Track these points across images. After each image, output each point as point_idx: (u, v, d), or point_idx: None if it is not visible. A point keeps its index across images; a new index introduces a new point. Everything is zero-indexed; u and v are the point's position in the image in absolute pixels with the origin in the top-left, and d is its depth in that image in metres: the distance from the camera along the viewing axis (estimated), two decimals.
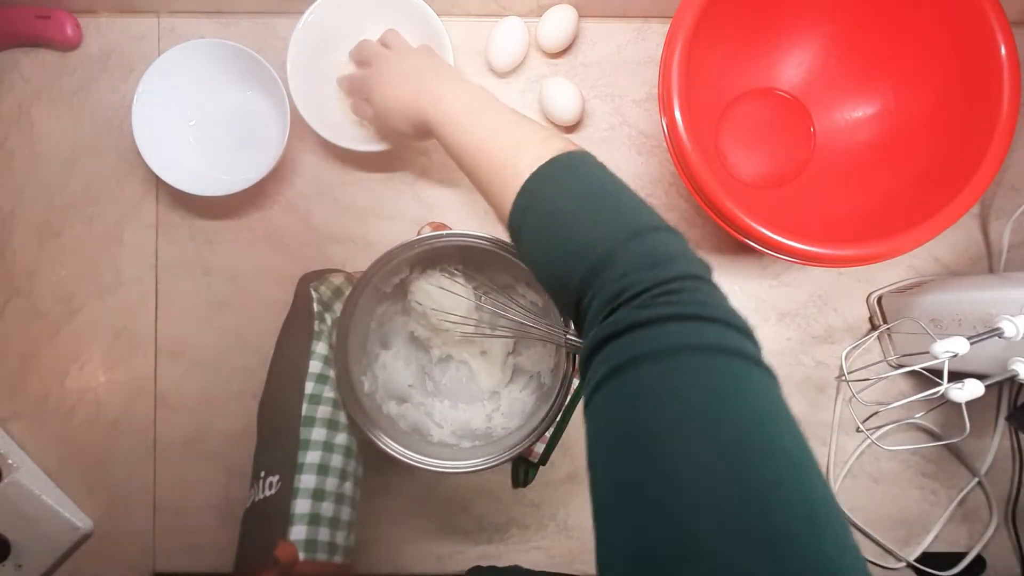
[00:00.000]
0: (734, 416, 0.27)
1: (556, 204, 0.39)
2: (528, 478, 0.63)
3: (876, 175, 0.63)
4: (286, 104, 0.63)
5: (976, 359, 0.52)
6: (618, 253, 0.35)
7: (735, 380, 0.29)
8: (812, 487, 0.26)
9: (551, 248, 0.39)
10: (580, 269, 0.36)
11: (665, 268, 0.33)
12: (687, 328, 0.30)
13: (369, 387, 0.60)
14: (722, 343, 0.30)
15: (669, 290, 0.32)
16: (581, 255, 0.36)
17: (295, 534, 0.52)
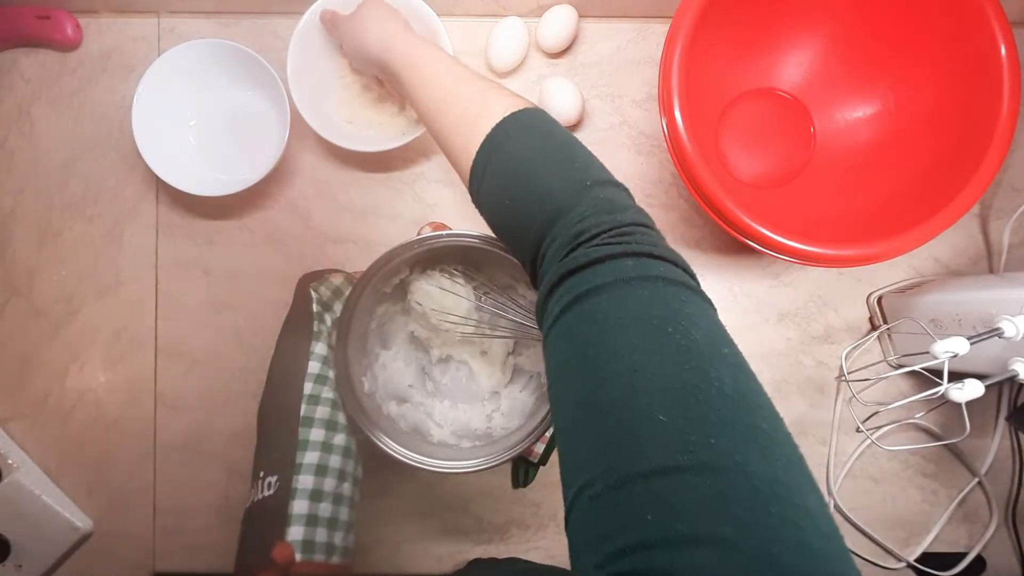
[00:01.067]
0: (682, 330, 0.31)
1: (517, 157, 0.41)
2: (528, 478, 0.63)
3: (876, 175, 0.63)
4: (286, 104, 0.63)
5: (976, 359, 0.52)
6: (578, 200, 0.38)
7: (680, 303, 0.33)
8: (747, 384, 0.30)
9: (513, 198, 0.41)
10: (541, 215, 0.38)
11: (620, 214, 0.37)
12: (640, 263, 0.34)
13: (369, 387, 0.60)
14: (670, 275, 0.34)
15: (623, 232, 0.36)
16: (542, 202, 0.39)
17: (293, 535, 0.52)
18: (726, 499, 0.25)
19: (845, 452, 0.68)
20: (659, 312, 0.32)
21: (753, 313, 0.69)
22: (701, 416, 0.27)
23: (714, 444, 0.26)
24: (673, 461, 0.26)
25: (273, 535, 0.52)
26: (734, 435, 0.27)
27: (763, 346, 0.68)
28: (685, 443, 0.27)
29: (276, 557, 0.50)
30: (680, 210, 0.69)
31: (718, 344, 0.31)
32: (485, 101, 0.44)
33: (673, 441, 0.27)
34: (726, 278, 0.69)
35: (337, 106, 0.67)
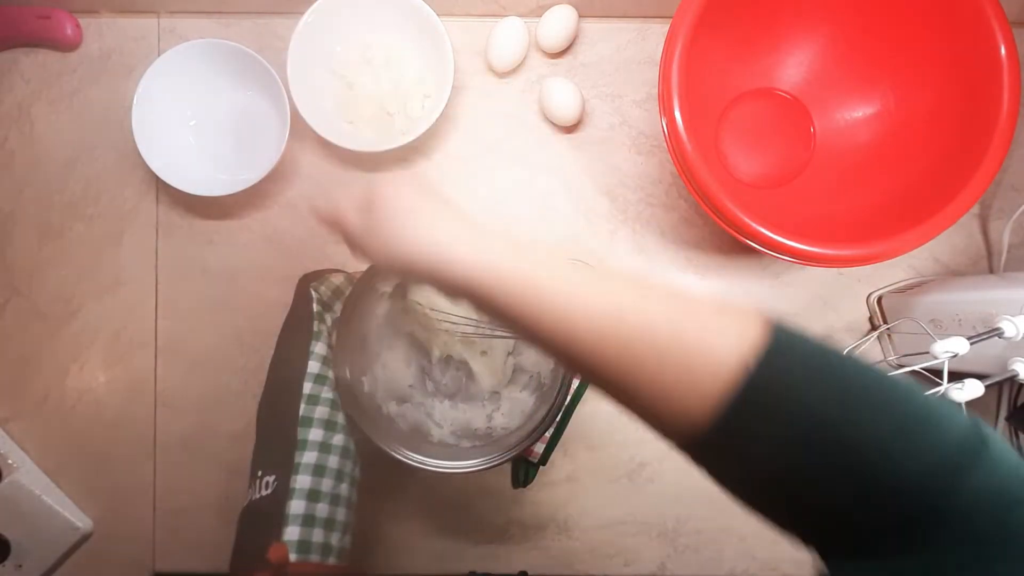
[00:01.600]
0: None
1: (811, 404, 0.28)
2: (528, 478, 0.63)
3: (876, 175, 0.63)
4: (286, 104, 0.63)
5: (976, 359, 0.52)
6: (953, 484, 0.26)
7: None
8: None
9: (811, 464, 0.28)
10: (887, 493, 0.27)
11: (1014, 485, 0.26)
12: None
13: (369, 387, 0.60)
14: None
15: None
16: (893, 476, 0.27)
17: (289, 535, 0.52)
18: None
19: None
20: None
21: None
22: None
23: None
24: None
25: (269, 535, 0.51)
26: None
27: None
28: None
29: (271, 557, 0.50)
30: (680, 210, 0.69)
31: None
32: (713, 324, 0.31)
33: None
34: (726, 278, 0.69)
35: (337, 106, 0.67)
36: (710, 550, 0.67)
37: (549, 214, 0.69)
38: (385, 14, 0.65)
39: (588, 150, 0.69)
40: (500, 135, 0.69)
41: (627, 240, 0.69)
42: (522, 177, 0.69)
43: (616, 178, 0.69)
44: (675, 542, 0.67)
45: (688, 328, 0.31)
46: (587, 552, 0.68)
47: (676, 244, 0.69)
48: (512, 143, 0.69)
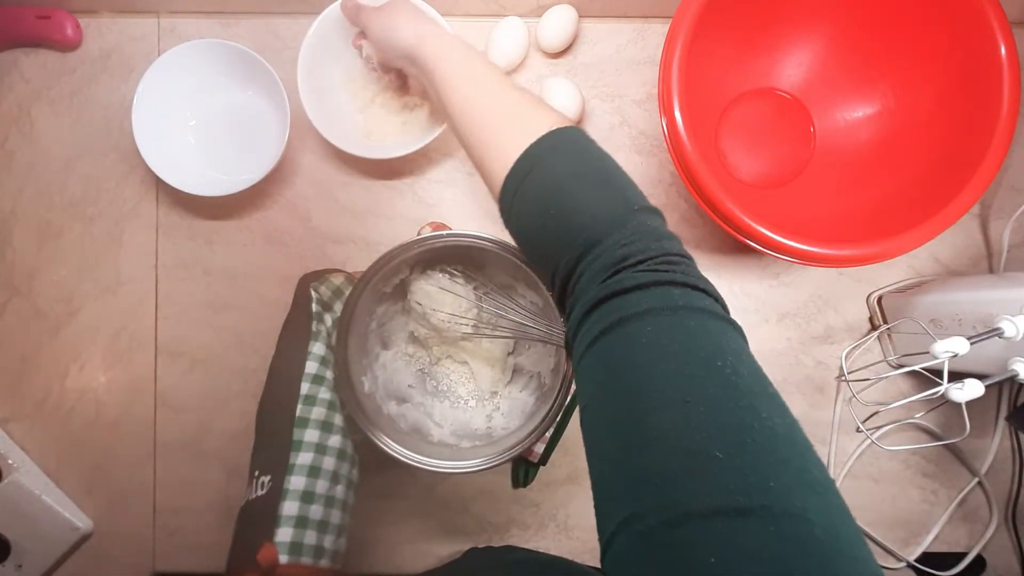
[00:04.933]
0: (731, 365, 0.30)
1: (558, 175, 0.40)
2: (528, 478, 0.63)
3: (876, 175, 0.63)
4: (286, 104, 0.63)
5: (976, 359, 0.52)
6: (622, 224, 0.37)
7: (726, 338, 0.32)
8: (794, 425, 0.30)
9: (551, 215, 0.40)
10: (581, 235, 0.38)
11: (666, 242, 0.37)
12: (686, 293, 0.34)
13: (369, 387, 0.60)
14: (713, 309, 0.34)
15: (670, 261, 0.36)
16: (583, 222, 0.38)
17: (281, 536, 0.51)
18: (794, 549, 0.24)
19: (845, 452, 0.68)
20: (706, 345, 0.31)
21: (753, 313, 0.69)
22: (757, 456, 0.27)
23: (773, 488, 0.26)
24: (734, 502, 0.25)
25: (262, 535, 0.51)
26: (791, 479, 0.26)
27: (763, 346, 0.68)
28: (744, 484, 0.26)
29: (259, 559, 0.50)
30: (680, 210, 0.69)
31: (764, 383, 0.31)
32: (527, 113, 0.43)
33: (731, 480, 0.26)
34: (726, 278, 0.69)
35: (347, 113, 0.67)
36: None
37: None
38: None
39: None
40: None
41: None
42: None
43: None
44: None
45: (506, 111, 0.44)
46: (587, 552, 0.68)
47: None
48: None
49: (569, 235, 0.38)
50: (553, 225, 0.40)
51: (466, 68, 0.48)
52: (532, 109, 0.44)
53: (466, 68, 0.48)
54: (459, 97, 0.47)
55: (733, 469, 0.26)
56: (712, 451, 0.27)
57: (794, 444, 0.28)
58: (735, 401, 0.29)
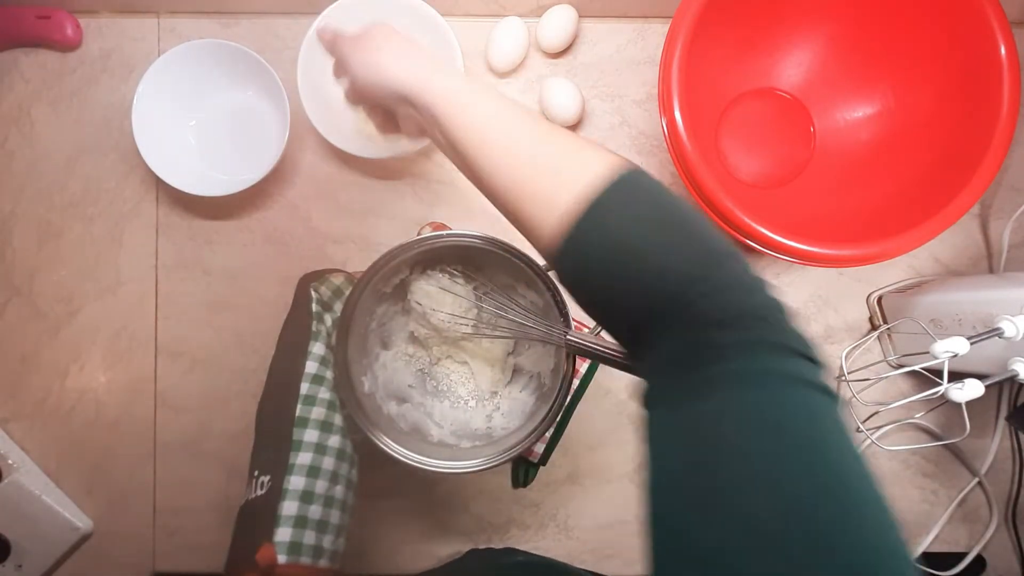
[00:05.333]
0: (848, 459, 0.28)
1: (626, 224, 0.35)
2: (528, 478, 0.63)
3: (876, 175, 0.63)
4: (286, 104, 0.63)
5: (976, 359, 0.52)
6: (706, 275, 0.34)
7: (834, 422, 0.29)
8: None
9: (620, 268, 0.35)
10: (658, 291, 0.34)
11: (757, 295, 0.34)
12: (779, 360, 0.31)
13: (369, 387, 0.60)
14: (817, 380, 0.30)
15: (759, 316, 0.33)
16: (659, 277, 0.34)
17: (280, 536, 0.51)
18: None
19: None
20: (803, 425, 0.28)
21: None
22: (843, 555, 0.25)
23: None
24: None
25: (261, 535, 0.51)
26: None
27: None
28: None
29: (258, 559, 0.50)
30: None
31: (861, 470, 0.28)
32: (575, 154, 0.38)
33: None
34: None
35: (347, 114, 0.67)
36: None
37: None
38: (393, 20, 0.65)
39: None
40: None
41: None
42: None
43: None
44: None
45: (546, 158, 0.38)
46: (587, 552, 0.68)
47: None
48: None
49: (644, 289, 0.35)
50: (624, 278, 0.35)
51: (488, 111, 0.41)
52: (580, 149, 0.38)
53: (488, 111, 0.41)
54: (487, 145, 0.40)
55: (811, 568, 0.25)
56: (795, 547, 0.25)
57: (892, 555, 0.26)
58: (828, 492, 0.26)
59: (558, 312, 0.54)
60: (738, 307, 0.33)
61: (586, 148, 0.38)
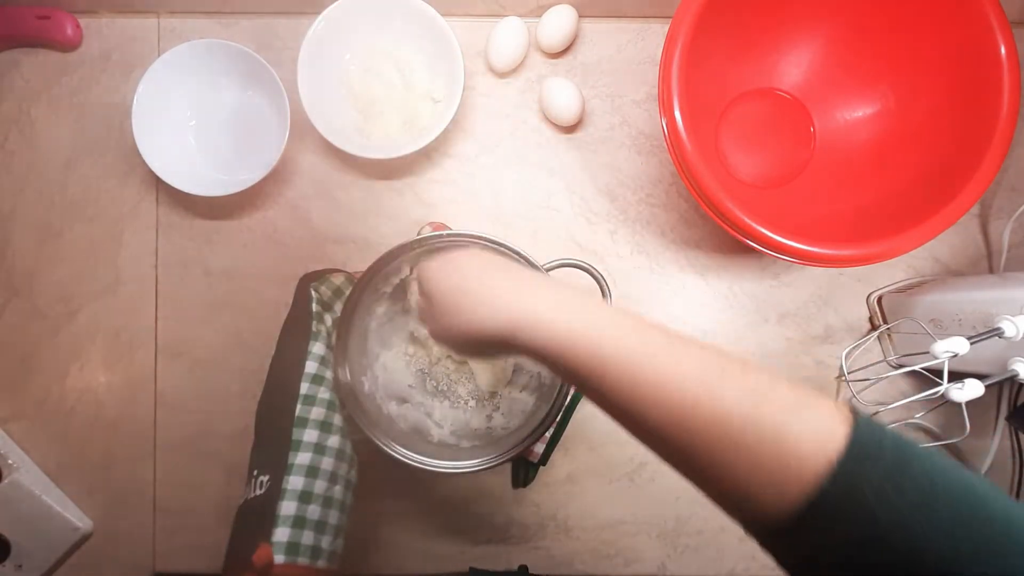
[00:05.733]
0: None
1: (887, 513, 0.28)
2: (528, 478, 0.63)
3: (876, 175, 0.63)
4: (286, 104, 0.63)
5: (976, 359, 0.52)
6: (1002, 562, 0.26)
7: None
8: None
9: (889, 554, 0.28)
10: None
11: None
12: None
13: (369, 387, 0.60)
14: None
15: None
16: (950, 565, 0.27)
17: (279, 536, 0.51)
18: None
19: None
20: None
21: (753, 313, 0.69)
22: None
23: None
24: None
25: (259, 535, 0.51)
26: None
27: (763, 346, 0.68)
28: None
29: (255, 560, 0.50)
30: (680, 210, 0.69)
31: None
32: (791, 406, 0.30)
33: None
34: (726, 278, 0.69)
35: (347, 114, 0.67)
36: (710, 550, 0.68)
37: (549, 214, 0.69)
38: (394, 21, 0.65)
39: (588, 150, 0.69)
40: (500, 135, 0.69)
41: (627, 240, 0.69)
42: (522, 177, 0.69)
43: (616, 178, 0.69)
44: (675, 542, 0.67)
45: (766, 422, 0.30)
46: (587, 552, 0.68)
47: (676, 244, 0.69)
48: (512, 143, 0.69)
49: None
50: (890, 564, 0.28)
51: (656, 360, 0.32)
52: (796, 397, 0.31)
53: (656, 360, 0.32)
54: (663, 406, 0.32)
55: None
56: None
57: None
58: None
59: None
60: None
61: (803, 395, 0.31)
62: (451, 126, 0.64)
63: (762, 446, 0.30)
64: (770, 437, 0.30)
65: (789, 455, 0.29)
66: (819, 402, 0.31)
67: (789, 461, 0.29)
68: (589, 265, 0.54)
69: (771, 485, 0.30)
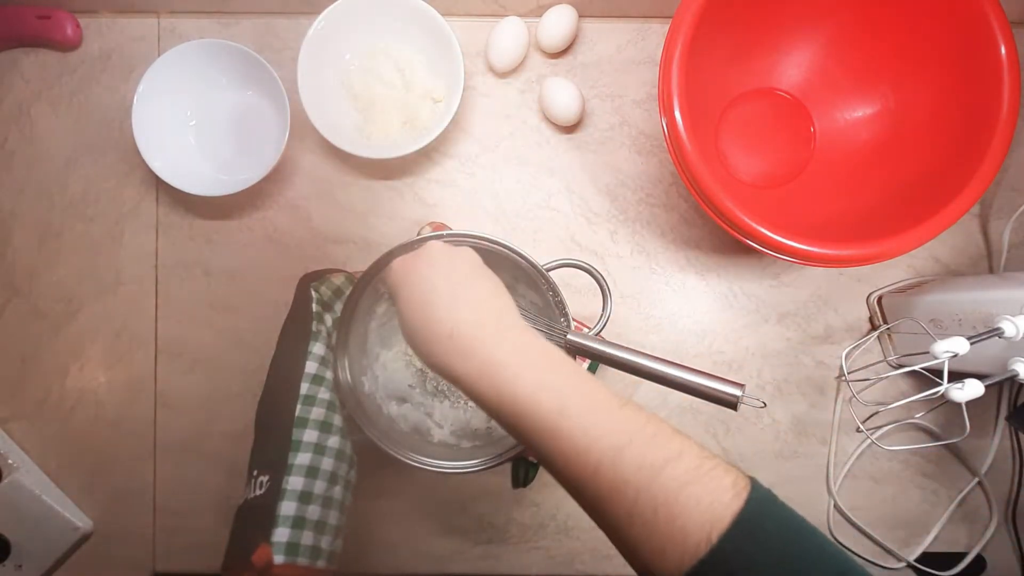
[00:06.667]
0: None
1: (773, 560, 0.31)
2: (528, 478, 0.63)
3: (876, 175, 0.63)
4: (286, 104, 0.63)
5: (976, 359, 0.52)
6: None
7: None
8: None
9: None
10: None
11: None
12: None
13: (369, 387, 0.60)
14: None
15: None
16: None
17: (278, 536, 0.51)
18: None
19: (845, 452, 0.68)
20: None
21: (753, 313, 0.69)
22: None
23: None
24: None
25: (259, 535, 0.51)
26: None
27: (763, 346, 0.68)
28: None
29: (254, 560, 0.50)
30: (680, 210, 0.69)
31: None
32: (683, 494, 0.32)
33: None
34: (726, 278, 0.69)
35: (347, 114, 0.67)
36: None
37: (549, 214, 0.69)
38: (394, 21, 0.65)
39: (588, 150, 0.69)
40: (500, 135, 0.69)
41: (627, 240, 0.69)
42: (522, 177, 0.69)
43: (616, 178, 0.69)
44: None
45: (658, 496, 0.32)
46: (587, 552, 0.68)
47: (676, 244, 0.69)
48: (512, 143, 0.69)
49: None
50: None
51: (574, 422, 0.34)
52: (694, 472, 0.33)
53: (574, 422, 0.34)
54: (572, 466, 0.34)
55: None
56: None
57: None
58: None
59: (558, 312, 0.54)
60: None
61: (702, 474, 0.32)
62: (451, 126, 0.64)
63: (655, 516, 0.32)
64: (662, 511, 0.32)
65: (675, 529, 0.31)
66: (718, 476, 0.32)
67: (675, 534, 0.31)
68: (589, 265, 0.54)
69: (659, 552, 0.32)
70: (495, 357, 0.36)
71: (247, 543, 0.52)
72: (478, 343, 0.37)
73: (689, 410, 0.68)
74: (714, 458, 0.33)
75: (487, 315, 0.39)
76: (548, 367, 0.37)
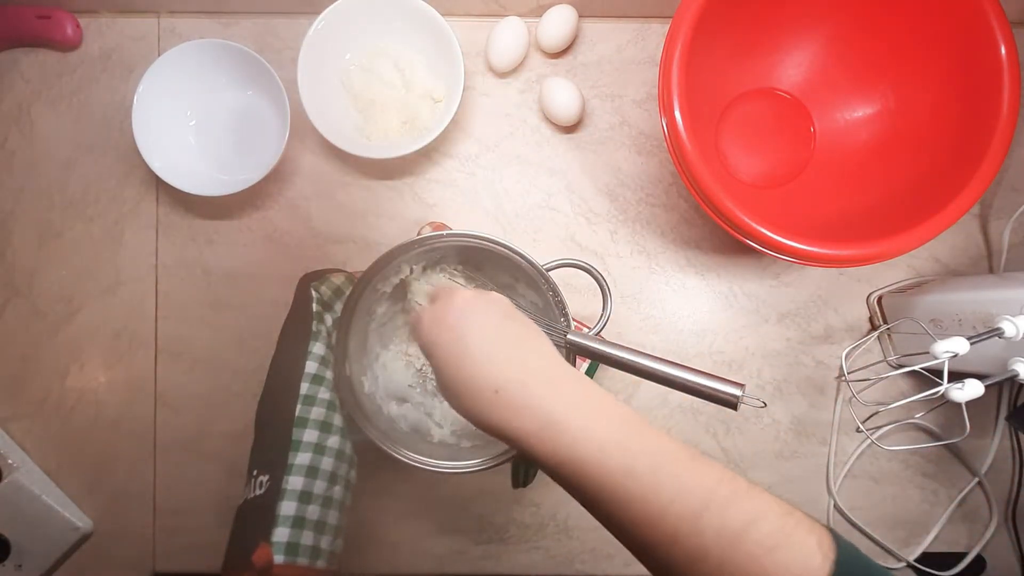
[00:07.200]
0: None
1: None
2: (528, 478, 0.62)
3: (876, 175, 0.63)
4: (286, 104, 0.63)
5: (976, 359, 0.52)
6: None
7: None
8: None
9: None
10: None
11: None
12: None
13: (369, 387, 0.60)
14: None
15: None
16: None
17: (278, 536, 0.51)
18: None
19: (845, 452, 0.68)
20: None
21: (753, 313, 0.69)
22: None
23: None
24: None
25: (259, 535, 0.51)
26: None
27: (763, 346, 0.68)
28: None
29: (254, 560, 0.50)
30: (680, 210, 0.69)
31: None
32: (769, 559, 0.30)
33: None
34: (726, 278, 0.69)
35: (347, 114, 0.67)
36: None
37: (549, 214, 0.69)
38: (394, 21, 0.65)
39: (588, 150, 0.69)
40: (500, 135, 0.69)
41: (627, 240, 0.69)
42: (522, 177, 0.69)
43: (616, 178, 0.69)
44: None
45: (742, 562, 0.30)
46: (587, 552, 0.68)
47: (676, 244, 0.69)
48: (512, 143, 0.69)
49: None
50: None
51: (642, 483, 0.32)
52: (778, 533, 0.31)
53: (642, 483, 0.32)
54: (646, 533, 0.32)
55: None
56: None
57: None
58: None
59: (558, 312, 0.55)
60: None
61: (786, 536, 0.31)
62: (451, 126, 0.64)
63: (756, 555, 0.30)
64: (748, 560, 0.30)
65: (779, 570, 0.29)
66: (802, 538, 0.31)
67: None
68: (589, 265, 0.54)
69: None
70: (553, 416, 0.34)
71: (247, 543, 0.52)
72: (529, 398, 0.34)
73: (689, 410, 0.68)
74: (793, 513, 0.32)
75: (532, 365, 0.36)
76: (609, 421, 0.34)
